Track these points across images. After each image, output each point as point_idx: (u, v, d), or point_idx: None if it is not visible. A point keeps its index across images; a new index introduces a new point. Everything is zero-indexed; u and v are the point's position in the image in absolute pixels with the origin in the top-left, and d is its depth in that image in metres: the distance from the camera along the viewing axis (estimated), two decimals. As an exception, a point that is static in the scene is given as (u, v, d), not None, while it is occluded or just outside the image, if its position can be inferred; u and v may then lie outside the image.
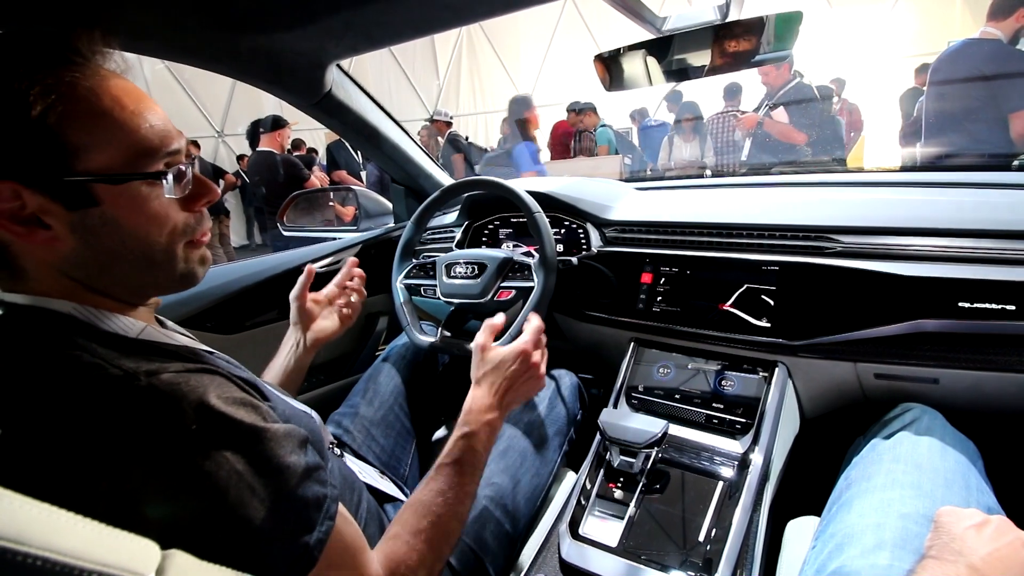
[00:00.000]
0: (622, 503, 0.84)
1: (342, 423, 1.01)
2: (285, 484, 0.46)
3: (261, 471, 0.44)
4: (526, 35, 9.61)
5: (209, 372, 0.48)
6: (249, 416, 0.46)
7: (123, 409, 0.42)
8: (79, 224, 0.48)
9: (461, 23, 0.91)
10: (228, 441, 0.44)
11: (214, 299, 1.19)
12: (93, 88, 0.47)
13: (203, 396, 0.44)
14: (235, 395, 0.47)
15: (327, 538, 0.48)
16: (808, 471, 0.95)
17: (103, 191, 0.48)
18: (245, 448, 0.44)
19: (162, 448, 0.42)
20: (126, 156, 0.48)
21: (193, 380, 0.45)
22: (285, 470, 0.46)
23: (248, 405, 0.47)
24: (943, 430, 0.80)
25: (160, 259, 0.52)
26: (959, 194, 1.02)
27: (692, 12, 0.79)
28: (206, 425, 0.43)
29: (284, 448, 0.47)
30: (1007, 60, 2.31)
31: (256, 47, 0.96)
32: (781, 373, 0.95)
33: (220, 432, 0.44)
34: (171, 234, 0.52)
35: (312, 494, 0.48)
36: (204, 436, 0.43)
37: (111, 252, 0.50)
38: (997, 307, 0.79)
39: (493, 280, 1.08)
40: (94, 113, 0.47)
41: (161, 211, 0.51)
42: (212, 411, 0.44)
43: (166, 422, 0.42)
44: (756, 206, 1.11)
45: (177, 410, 0.43)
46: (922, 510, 0.65)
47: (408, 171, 1.53)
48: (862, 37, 7.40)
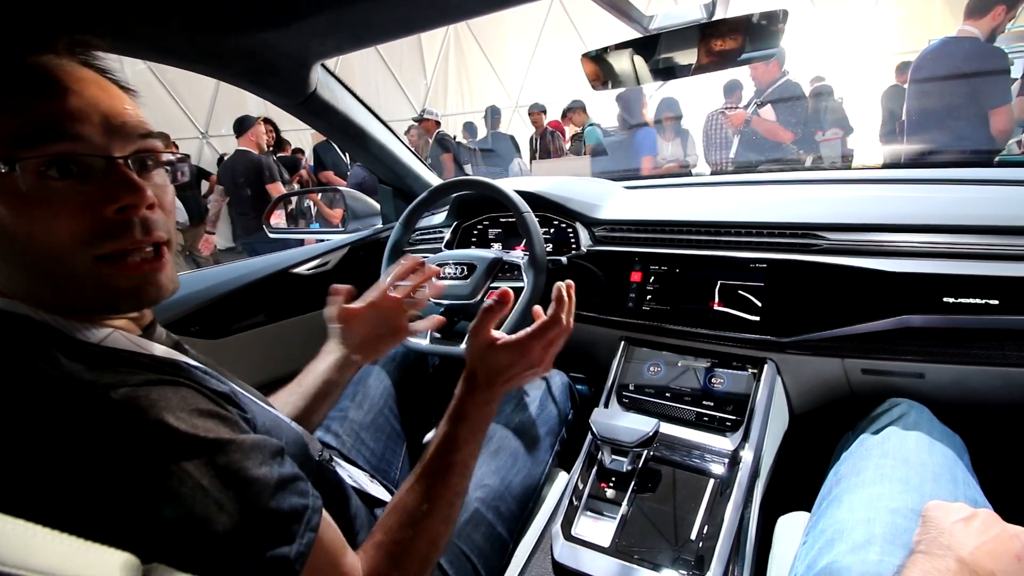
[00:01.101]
0: (614, 503, 0.84)
1: (331, 428, 1.00)
2: (256, 497, 0.43)
3: (227, 484, 0.42)
4: (513, 34, 9.60)
5: (173, 384, 0.45)
6: (214, 428, 0.44)
7: (81, 423, 0.40)
8: None
9: (447, 22, 0.91)
10: (190, 455, 0.41)
11: (199, 303, 1.17)
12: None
13: (162, 410, 0.42)
14: (200, 406, 0.45)
15: (308, 551, 0.46)
16: (798, 467, 0.95)
17: None
18: (208, 461, 0.42)
19: (123, 464, 0.40)
20: (10, 138, 0.42)
21: (154, 393, 0.42)
22: (254, 482, 0.44)
23: (214, 416, 0.45)
24: (930, 424, 0.81)
25: (63, 272, 0.45)
26: (942, 190, 1.03)
27: (679, 11, 0.79)
28: (165, 439, 0.41)
29: (252, 459, 0.45)
30: (985, 58, 2.36)
31: (238, 47, 0.94)
32: (770, 370, 0.95)
33: (181, 446, 0.41)
34: (83, 239, 0.44)
35: (288, 506, 0.46)
36: (164, 451, 0.41)
37: (9, 260, 0.45)
38: (981, 302, 0.80)
39: (483, 281, 1.07)
40: None
41: (51, 210, 0.43)
42: (169, 425, 0.41)
43: (124, 437, 0.40)
44: (744, 204, 1.12)
45: (135, 425, 0.40)
46: (911, 505, 0.66)
47: (396, 171, 1.52)
48: (844, 35, 7.49)
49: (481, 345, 0.70)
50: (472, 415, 0.67)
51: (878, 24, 7.43)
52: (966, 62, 2.39)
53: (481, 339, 0.70)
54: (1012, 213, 0.86)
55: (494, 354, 0.69)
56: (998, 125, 2.33)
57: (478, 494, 0.83)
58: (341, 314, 0.86)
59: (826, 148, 4.54)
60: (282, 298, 1.36)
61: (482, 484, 0.84)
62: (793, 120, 3.35)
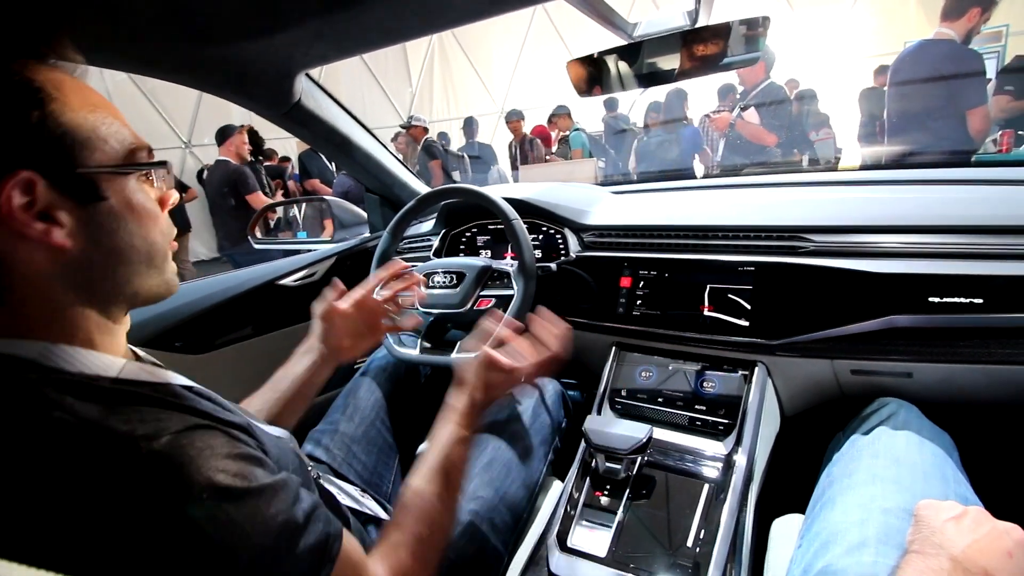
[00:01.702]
0: (609, 511, 0.83)
1: (321, 441, 0.98)
2: (292, 536, 0.46)
3: (269, 529, 0.44)
4: (498, 41, 9.64)
5: (207, 428, 0.46)
6: (251, 473, 0.46)
7: (126, 480, 0.40)
8: (91, 220, 0.47)
9: (431, 31, 0.90)
10: (236, 503, 0.43)
11: (182, 317, 1.15)
12: (79, 86, 0.48)
13: (208, 458, 0.43)
14: (236, 451, 0.46)
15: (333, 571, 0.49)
16: (790, 469, 0.96)
17: (108, 185, 0.48)
18: (254, 509, 0.44)
19: (174, 517, 0.40)
20: (123, 150, 0.49)
21: (198, 442, 0.44)
22: (289, 523, 0.46)
23: (249, 459, 0.47)
24: (919, 423, 0.82)
25: (158, 261, 0.53)
26: (925, 191, 1.05)
27: (662, 18, 0.80)
28: (215, 491, 0.42)
29: (286, 500, 0.47)
30: (962, 60, 2.41)
31: (220, 58, 0.93)
32: (760, 372, 0.96)
33: (228, 496, 0.43)
34: (163, 234, 0.53)
35: (315, 539, 0.48)
36: (217, 501, 0.42)
37: (119, 251, 0.49)
38: (965, 301, 0.81)
39: (472, 289, 1.07)
40: (90, 108, 0.47)
41: (153, 208, 0.52)
42: (216, 476, 0.43)
43: (175, 492, 0.41)
44: (731, 208, 1.12)
45: (182, 477, 0.41)
46: (903, 504, 0.66)
47: (382, 180, 1.51)
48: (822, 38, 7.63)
49: (480, 363, 0.75)
50: (467, 419, 0.72)
51: (855, 27, 7.58)
52: (943, 64, 2.44)
53: (483, 358, 0.75)
54: (993, 212, 0.87)
55: (489, 373, 0.75)
56: (975, 125, 2.37)
57: (472, 506, 0.82)
58: (328, 312, 0.88)
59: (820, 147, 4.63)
60: (268, 310, 1.34)
61: (476, 496, 0.83)
62: (776, 123, 3.38)
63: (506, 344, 0.78)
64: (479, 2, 0.79)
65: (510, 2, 0.79)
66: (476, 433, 0.74)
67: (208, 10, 0.77)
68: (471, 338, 0.82)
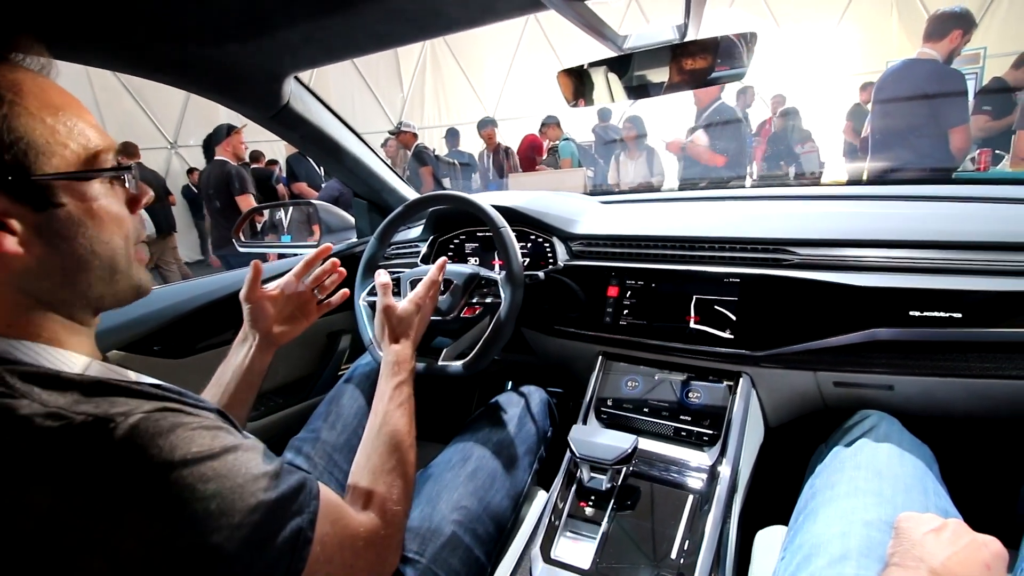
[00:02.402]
0: (594, 521, 0.83)
1: (302, 449, 0.96)
2: (268, 487, 0.48)
3: (244, 482, 0.46)
4: (490, 49, 9.71)
5: (177, 409, 0.46)
6: (224, 437, 0.48)
7: (102, 456, 0.41)
8: (46, 227, 0.46)
9: (422, 38, 0.90)
10: (214, 459, 0.45)
11: (162, 321, 1.13)
12: (43, 87, 0.47)
13: (183, 430, 0.44)
14: (209, 423, 0.48)
15: (316, 516, 0.52)
16: (774, 480, 0.96)
17: (66, 191, 0.47)
18: (227, 466, 0.46)
19: (155, 487, 0.42)
20: (83, 155, 0.48)
21: (170, 417, 0.45)
22: (265, 475, 0.49)
23: (219, 428, 0.48)
24: (900, 436, 0.83)
25: (123, 264, 0.52)
26: (907, 207, 1.07)
27: (651, 31, 0.81)
28: (193, 455, 0.44)
29: (258, 457, 0.50)
30: (945, 79, 2.47)
31: (208, 59, 0.92)
32: (745, 383, 0.96)
33: (208, 456, 0.45)
34: (127, 239, 0.52)
35: (295, 482, 0.51)
36: (195, 464, 0.44)
37: (78, 257, 0.48)
38: (945, 315, 0.82)
39: (459, 296, 1.06)
40: (50, 110, 0.46)
41: (117, 212, 0.51)
42: (194, 443, 0.44)
43: (152, 463, 0.42)
44: (717, 219, 1.14)
45: (161, 448, 0.42)
46: (884, 517, 0.67)
47: (371, 185, 1.50)
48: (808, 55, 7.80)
49: (382, 316, 0.86)
50: (394, 367, 0.80)
51: (839, 45, 7.77)
52: (927, 83, 2.49)
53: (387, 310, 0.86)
54: (972, 228, 0.89)
55: (404, 316, 0.86)
56: (957, 143, 2.43)
57: (455, 516, 0.81)
58: (251, 295, 0.87)
59: (805, 160, 4.74)
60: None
61: (459, 506, 0.82)
62: (722, 144, 3.28)
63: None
64: (470, 10, 0.79)
65: (501, 11, 0.79)
66: (412, 373, 0.82)
67: (196, 11, 0.77)
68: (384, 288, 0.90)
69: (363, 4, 0.76)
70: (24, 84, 0.45)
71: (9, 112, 0.43)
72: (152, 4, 0.73)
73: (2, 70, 0.45)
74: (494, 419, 1.01)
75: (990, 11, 6.52)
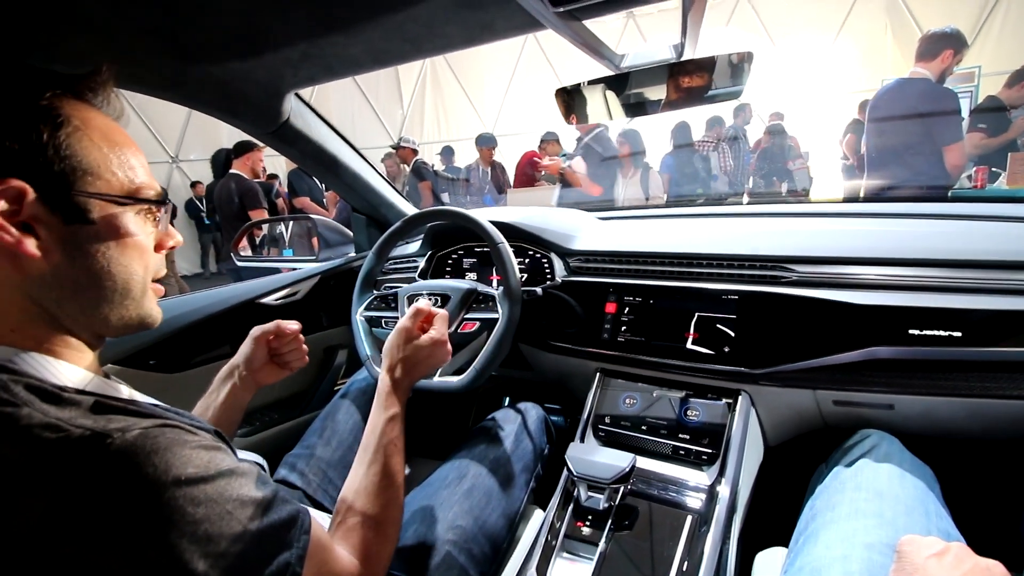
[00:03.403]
0: (591, 542, 0.81)
1: (296, 465, 0.95)
2: (260, 515, 0.48)
3: (239, 507, 0.47)
4: (490, 67, 9.82)
5: (175, 426, 0.47)
6: (220, 459, 0.48)
7: (97, 470, 0.41)
8: (71, 240, 0.48)
9: (421, 56, 0.91)
10: (208, 483, 0.45)
11: (158, 335, 1.12)
12: (109, 125, 0.52)
13: (180, 448, 0.45)
14: (206, 443, 0.48)
15: (305, 552, 0.51)
16: (773, 500, 0.95)
17: (99, 212, 0.50)
18: (222, 490, 0.46)
19: (147, 504, 0.42)
20: (128, 186, 0.52)
21: (168, 434, 0.45)
22: (259, 502, 0.49)
23: (215, 449, 0.49)
24: (901, 456, 0.82)
25: (136, 292, 0.54)
26: (905, 224, 1.07)
27: (649, 50, 0.82)
28: (187, 476, 0.44)
29: (252, 482, 0.49)
30: (938, 98, 2.50)
31: (209, 76, 0.93)
32: (744, 401, 0.95)
33: (201, 479, 0.45)
34: (146, 269, 0.54)
35: (287, 514, 0.51)
36: (189, 486, 0.44)
37: (94, 273, 0.50)
38: (945, 334, 0.82)
39: (457, 311, 1.06)
40: (110, 144, 0.51)
41: (145, 243, 0.54)
42: (190, 463, 0.44)
43: (147, 480, 0.42)
44: (715, 236, 1.14)
45: (157, 466, 0.43)
46: (885, 539, 0.66)
47: (370, 200, 1.50)
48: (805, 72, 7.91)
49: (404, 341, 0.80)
50: (391, 398, 0.76)
51: (835, 63, 7.87)
52: (920, 102, 2.53)
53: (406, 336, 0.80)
54: (971, 247, 0.89)
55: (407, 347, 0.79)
56: (952, 160, 2.47)
57: (450, 536, 0.79)
58: (264, 337, 0.88)
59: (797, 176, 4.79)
60: (247, 330, 1.31)
61: (454, 525, 0.81)
62: (600, 172, 3.14)
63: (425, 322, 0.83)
64: (469, 29, 0.80)
65: (499, 31, 0.80)
66: (404, 408, 0.77)
67: (197, 28, 0.78)
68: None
69: (363, 22, 0.77)
70: (93, 119, 0.51)
71: (72, 135, 0.48)
72: (154, 22, 0.74)
73: (78, 105, 0.50)
74: (491, 436, 1.00)
75: (984, 30, 6.62)
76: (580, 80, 0.93)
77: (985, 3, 6.63)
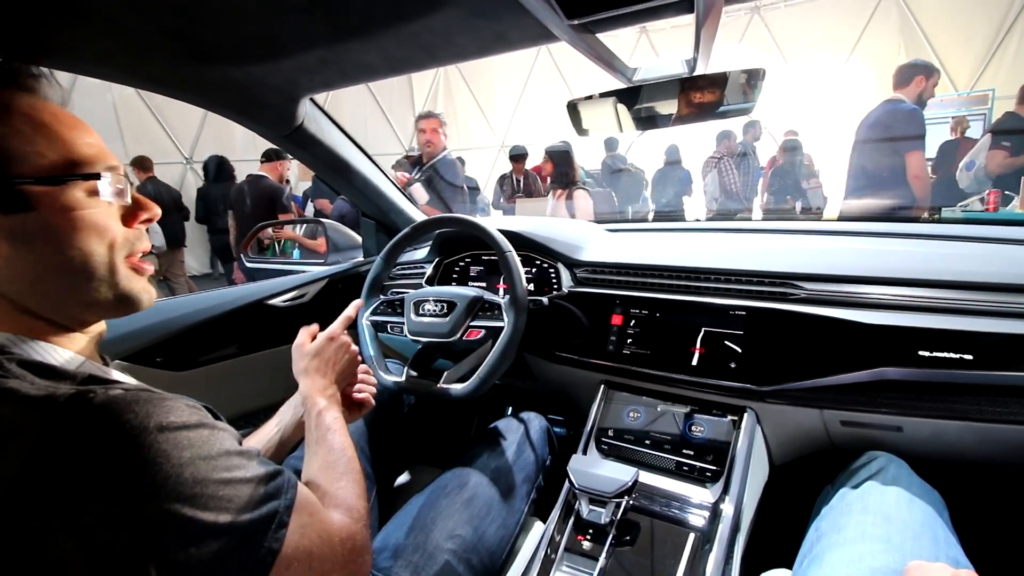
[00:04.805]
0: (591, 556, 0.80)
1: (297, 468, 0.95)
2: (248, 464, 0.48)
3: (228, 455, 0.47)
4: (502, 78, 9.91)
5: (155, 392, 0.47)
6: (205, 417, 0.48)
7: (79, 424, 0.41)
8: (17, 230, 0.47)
9: (436, 64, 0.92)
10: (191, 430, 0.45)
11: (166, 333, 1.13)
12: (33, 106, 0.50)
13: (162, 403, 0.45)
14: (191, 404, 0.49)
15: (293, 503, 0.51)
16: (778, 520, 0.93)
17: (40, 195, 0.48)
18: (206, 440, 0.46)
19: (131, 454, 0.41)
20: (65, 164, 0.50)
21: (150, 394, 0.45)
22: (243, 453, 0.49)
23: (196, 409, 0.49)
24: (909, 480, 0.80)
25: (101, 272, 0.51)
26: (916, 245, 1.06)
27: (661, 64, 0.82)
28: (170, 424, 0.44)
29: (234, 440, 0.50)
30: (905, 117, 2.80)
31: (226, 79, 0.94)
32: (750, 419, 0.94)
33: (184, 426, 0.45)
34: (111, 246, 0.52)
35: (273, 468, 0.51)
36: (172, 432, 0.44)
37: (47, 262, 0.49)
38: (956, 356, 0.81)
39: (463, 319, 1.06)
40: (34, 125, 0.49)
41: (101, 220, 0.51)
42: (172, 414, 0.45)
43: (128, 430, 0.42)
44: (723, 251, 1.13)
45: (139, 417, 0.43)
46: (892, 564, 0.64)
47: (380, 206, 1.51)
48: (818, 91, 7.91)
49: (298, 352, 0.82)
50: (325, 399, 0.76)
51: (848, 81, 7.87)
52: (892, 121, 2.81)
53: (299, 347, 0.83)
54: (983, 269, 0.88)
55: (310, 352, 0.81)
56: (912, 171, 2.70)
57: (449, 545, 0.79)
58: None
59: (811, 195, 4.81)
60: (255, 330, 1.32)
61: (454, 535, 0.80)
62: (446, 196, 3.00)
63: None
64: (483, 40, 0.81)
65: (513, 42, 0.80)
66: (338, 399, 0.79)
67: (217, 32, 0.79)
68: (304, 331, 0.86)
69: (379, 30, 0.78)
70: (15, 104, 0.49)
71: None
72: (175, 25, 0.75)
73: (2, 94, 0.49)
74: (493, 445, 0.99)
75: (999, 53, 6.60)
76: (592, 92, 0.94)
77: (1001, 25, 6.61)
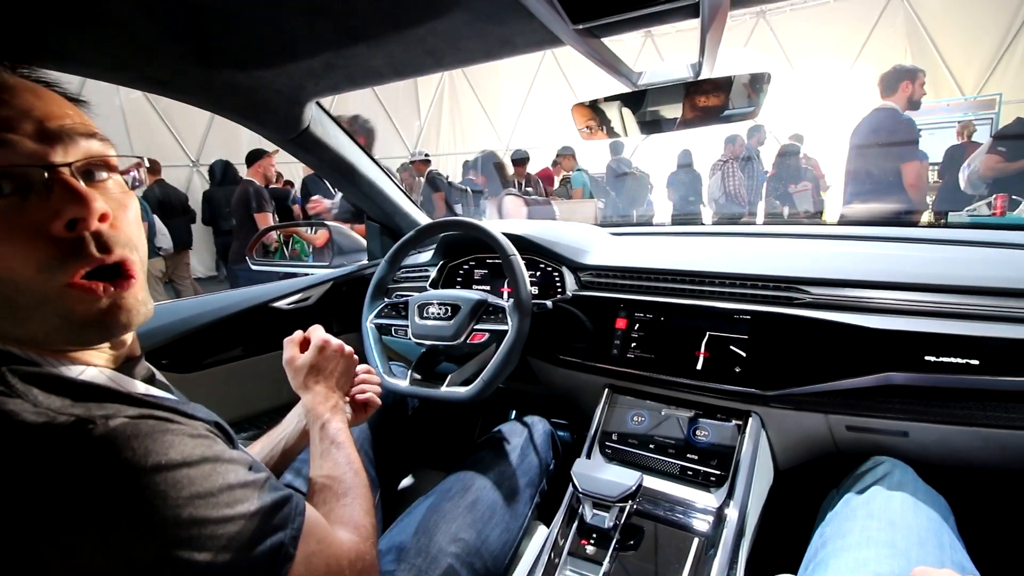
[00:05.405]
0: (595, 561, 0.80)
1: (301, 472, 0.95)
2: (250, 497, 0.46)
3: (230, 489, 0.45)
4: (507, 81, 9.95)
5: (165, 419, 0.45)
6: (210, 447, 0.46)
7: (79, 456, 0.39)
8: None
9: (441, 68, 0.92)
10: (193, 467, 0.43)
11: (172, 335, 1.13)
12: None
13: (165, 435, 0.42)
14: (196, 432, 0.46)
15: (300, 533, 0.49)
16: (783, 525, 0.93)
17: None
18: (208, 474, 0.44)
19: (129, 491, 0.40)
20: None
21: (154, 422, 0.43)
22: (249, 485, 0.46)
23: (204, 437, 0.46)
24: (914, 485, 0.80)
25: (25, 301, 0.42)
26: (923, 249, 1.05)
27: (666, 68, 0.82)
28: (172, 461, 0.42)
29: (241, 468, 0.47)
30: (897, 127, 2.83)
31: (233, 83, 0.95)
32: (754, 423, 0.94)
33: (186, 463, 0.43)
34: (42, 264, 0.42)
35: (280, 496, 0.49)
36: (173, 470, 0.41)
37: None
38: (962, 362, 0.80)
39: (467, 322, 1.06)
40: None
41: (14, 233, 0.41)
42: (174, 448, 0.42)
43: (129, 465, 0.40)
44: (728, 255, 1.13)
45: (140, 452, 0.40)
46: (897, 570, 0.64)
47: (384, 209, 1.52)
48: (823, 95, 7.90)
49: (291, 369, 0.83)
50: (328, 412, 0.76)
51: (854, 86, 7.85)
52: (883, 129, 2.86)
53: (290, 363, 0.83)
54: (990, 274, 0.88)
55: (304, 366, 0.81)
56: (908, 180, 2.72)
57: (452, 549, 0.79)
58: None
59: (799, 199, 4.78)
60: (260, 332, 1.32)
61: (457, 539, 0.80)
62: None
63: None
64: (488, 44, 0.81)
65: (518, 46, 0.81)
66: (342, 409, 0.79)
67: (224, 36, 0.79)
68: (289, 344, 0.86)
69: (385, 35, 0.79)
70: None
71: None
72: (183, 28, 0.76)
73: None
74: (496, 449, 0.99)
75: (1006, 57, 6.57)
76: (596, 96, 0.94)
77: (1008, 29, 6.59)
